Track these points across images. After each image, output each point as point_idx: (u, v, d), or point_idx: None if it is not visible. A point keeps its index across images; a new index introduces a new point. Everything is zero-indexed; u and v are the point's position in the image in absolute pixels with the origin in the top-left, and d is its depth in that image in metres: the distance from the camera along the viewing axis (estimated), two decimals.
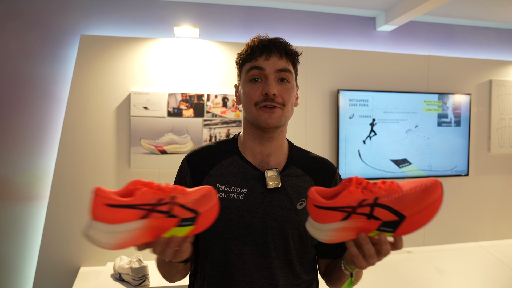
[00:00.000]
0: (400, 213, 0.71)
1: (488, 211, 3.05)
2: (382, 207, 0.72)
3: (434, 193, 0.71)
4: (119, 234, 0.68)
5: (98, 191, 0.68)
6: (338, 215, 0.75)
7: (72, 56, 2.40)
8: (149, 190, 0.73)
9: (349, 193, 0.75)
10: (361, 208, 0.73)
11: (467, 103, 2.91)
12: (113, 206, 0.68)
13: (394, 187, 0.74)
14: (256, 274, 0.95)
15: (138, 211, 0.70)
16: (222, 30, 2.64)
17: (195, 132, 2.47)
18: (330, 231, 0.76)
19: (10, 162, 2.35)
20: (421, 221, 0.71)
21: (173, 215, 0.73)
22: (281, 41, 0.99)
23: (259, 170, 1.00)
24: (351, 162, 2.70)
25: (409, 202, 0.71)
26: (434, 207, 0.71)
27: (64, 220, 2.31)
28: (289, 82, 0.98)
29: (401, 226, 0.72)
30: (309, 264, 1.02)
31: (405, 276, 2.41)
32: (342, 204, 0.75)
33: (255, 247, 0.95)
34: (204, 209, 0.77)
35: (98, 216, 0.67)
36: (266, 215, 0.96)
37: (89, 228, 0.67)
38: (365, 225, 0.74)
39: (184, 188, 0.79)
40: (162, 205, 0.73)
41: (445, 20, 3.03)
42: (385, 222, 0.73)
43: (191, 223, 0.75)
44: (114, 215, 0.67)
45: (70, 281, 2.28)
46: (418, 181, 0.74)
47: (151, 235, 0.73)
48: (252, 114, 0.97)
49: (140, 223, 0.70)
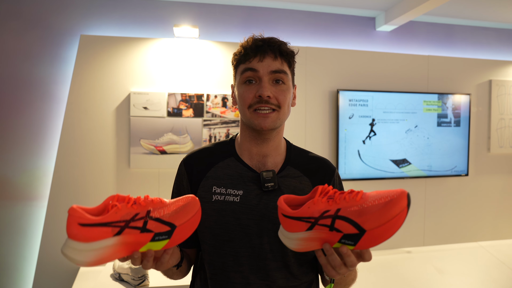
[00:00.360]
0: (360, 226, 0.70)
1: (488, 211, 3.04)
2: (343, 219, 0.71)
3: (397, 206, 0.69)
4: (93, 252, 0.69)
5: (71, 211, 0.69)
6: (303, 225, 0.75)
7: (72, 56, 2.41)
8: (125, 205, 0.74)
9: (313, 204, 0.75)
10: (323, 219, 0.73)
11: (467, 103, 2.91)
12: (86, 225, 0.69)
13: (358, 198, 0.73)
14: (253, 276, 0.94)
15: (111, 228, 0.71)
16: (221, 30, 2.64)
17: (195, 132, 2.47)
18: (297, 240, 0.77)
19: (10, 162, 2.35)
20: (382, 235, 0.69)
21: (147, 229, 0.74)
22: (276, 41, 0.97)
23: (255, 172, 0.99)
24: (351, 162, 2.70)
25: (370, 215, 0.69)
26: (395, 221, 0.68)
27: (64, 220, 2.30)
28: (284, 84, 0.97)
29: (361, 240, 0.70)
30: (308, 265, 1.02)
31: (405, 276, 2.41)
32: (305, 214, 0.75)
33: (251, 249, 0.95)
34: (181, 221, 0.77)
35: (73, 235, 0.68)
36: (262, 217, 0.95)
37: (65, 246, 0.68)
38: (328, 236, 0.74)
39: (162, 200, 0.79)
40: (137, 220, 0.73)
41: (444, 20, 3.03)
42: (345, 235, 0.72)
43: (166, 237, 0.76)
44: (87, 233, 0.68)
45: (70, 281, 2.28)
46: (385, 192, 0.72)
47: (127, 250, 0.74)
48: (247, 117, 0.97)
49: (114, 240, 0.71)
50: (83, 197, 2.33)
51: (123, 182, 2.40)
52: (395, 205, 0.69)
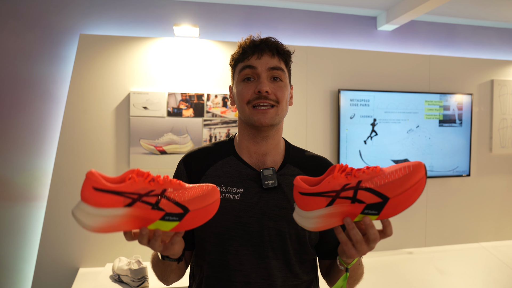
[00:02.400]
0: (383, 194, 0.71)
1: (490, 211, 3.03)
2: (365, 190, 0.72)
3: (417, 174, 0.71)
4: (101, 218, 0.69)
5: (89, 174, 0.69)
6: (323, 200, 0.75)
7: (71, 56, 2.39)
8: (142, 180, 0.74)
9: (333, 178, 0.75)
10: (344, 192, 0.74)
11: (468, 103, 2.90)
12: (100, 190, 0.69)
13: (377, 170, 0.74)
14: (254, 274, 0.94)
15: (123, 198, 0.71)
16: (222, 30, 2.63)
17: (195, 132, 2.45)
18: (316, 218, 0.76)
19: (8, 162, 2.33)
20: (405, 202, 0.71)
21: (159, 207, 0.73)
22: (273, 40, 1.00)
23: (255, 170, 1.00)
24: (352, 162, 2.68)
25: (392, 184, 0.71)
26: (417, 187, 0.71)
27: (63, 221, 2.29)
28: (281, 81, 0.99)
29: (385, 208, 0.72)
30: (308, 264, 1.01)
31: (406, 277, 2.39)
32: (326, 189, 0.75)
33: (252, 247, 0.94)
34: (196, 207, 0.76)
35: (86, 198, 0.68)
36: (262, 215, 0.95)
37: (76, 207, 0.69)
38: (350, 209, 0.74)
39: (181, 183, 0.78)
40: (150, 196, 0.73)
41: (446, 19, 3.01)
42: (368, 205, 0.72)
43: (176, 218, 0.74)
44: (99, 198, 0.69)
45: (69, 282, 2.26)
46: (402, 164, 0.74)
47: (135, 224, 0.73)
48: (246, 113, 0.98)
49: (124, 210, 0.71)
50: None
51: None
52: (415, 174, 0.72)
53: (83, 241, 2.32)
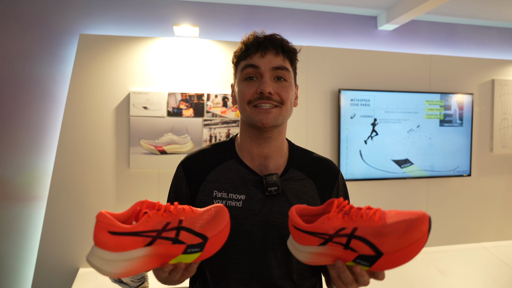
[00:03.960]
0: (377, 248, 0.67)
1: (491, 211, 3.02)
2: (360, 240, 0.68)
3: (418, 231, 0.65)
4: (123, 263, 0.64)
5: (101, 217, 0.64)
6: (316, 240, 0.72)
7: (71, 56, 2.39)
8: (156, 213, 0.69)
9: (328, 219, 0.71)
10: (338, 237, 0.70)
11: (469, 102, 2.89)
12: (116, 234, 0.64)
13: (376, 218, 0.69)
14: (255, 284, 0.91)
15: (143, 238, 0.66)
16: (222, 29, 2.62)
17: (195, 132, 2.45)
18: (308, 253, 0.74)
19: (8, 163, 2.33)
20: (400, 260, 0.66)
21: (179, 241, 0.69)
22: (277, 37, 0.95)
23: (257, 175, 0.95)
24: (353, 162, 2.68)
25: (389, 238, 0.66)
26: (415, 246, 0.65)
27: (63, 221, 2.29)
28: (286, 81, 0.94)
29: (377, 262, 0.67)
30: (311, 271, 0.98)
31: (407, 277, 2.39)
32: (319, 230, 0.72)
33: (254, 256, 0.91)
34: (213, 233, 0.73)
35: (102, 244, 0.63)
36: (265, 223, 0.91)
37: (92, 255, 0.64)
38: (342, 254, 0.71)
39: (193, 209, 0.75)
40: (168, 230, 0.69)
41: (447, 19, 3.01)
42: (361, 255, 0.69)
43: (198, 249, 0.71)
44: (118, 243, 0.64)
45: (69, 282, 2.26)
46: (405, 214, 0.68)
47: (157, 262, 0.70)
48: (247, 113, 0.93)
49: (145, 250, 0.67)
50: (82, 197, 2.32)
51: (123, 182, 2.38)
52: (416, 230, 0.65)
53: (83, 241, 2.32)
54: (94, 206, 2.34)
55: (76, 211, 2.31)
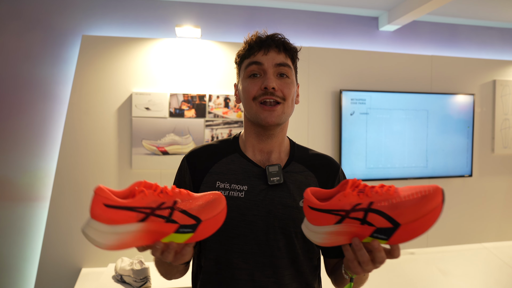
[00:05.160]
0: (394, 220, 0.67)
1: (492, 212, 3.02)
2: (376, 213, 0.69)
3: (433, 201, 0.66)
4: (115, 235, 0.67)
5: (99, 191, 0.67)
6: (332, 218, 0.73)
7: (73, 57, 2.40)
8: (152, 192, 0.72)
9: (344, 196, 0.72)
10: (354, 212, 0.70)
11: (470, 103, 2.89)
12: (111, 206, 0.67)
13: (391, 192, 0.70)
14: (259, 273, 0.93)
15: (137, 213, 0.69)
16: (224, 30, 2.63)
17: (197, 132, 2.46)
18: (324, 234, 0.74)
19: (11, 163, 2.34)
20: (417, 230, 0.67)
21: (172, 220, 0.71)
22: (279, 36, 0.99)
23: (260, 167, 0.99)
24: (354, 162, 2.68)
25: (405, 209, 0.67)
26: (431, 216, 0.66)
27: (65, 221, 2.30)
28: (288, 77, 0.97)
29: (395, 234, 0.68)
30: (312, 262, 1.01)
31: (408, 278, 2.39)
32: (336, 207, 0.72)
33: (257, 246, 0.93)
34: (207, 216, 0.75)
35: (97, 216, 0.67)
36: (268, 213, 0.94)
37: (87, 226, 0.67)
38: (359, 230, 0.71)
39: (190, 193, 0.77)
40: (163, 209, 0.71)
41: (448, 20, 3.01)
42: (378, 229, 0.69)
43: (190, 230, 0.73)
44: (112, 215, 0.67)
45: (72, 282, 2.27)
46: (418, 187, 0.69)
47: (149, 238, 0.72)
48: (252, 111, 0.96)
49: (138, 226, 0.69)
50: (85, 198, 2.33)
51: (125, 183, 2.39)
52: (431, 200, 0.66)
53: (85, 242, 2.33)
54: None
55: (78, 211, 2.32)
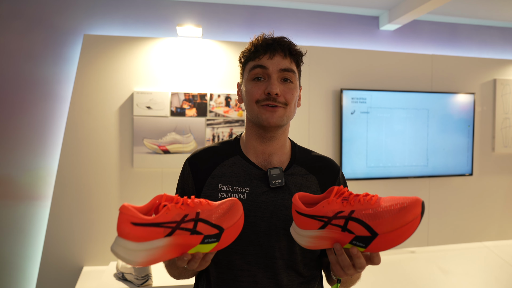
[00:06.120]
0: (372, 229, 0.71)
1: (493, 211, 3.03)
2: (356, 221, 0.73)
3: (411, 213, 0.70)
4: (145, 252, 0.69)
5: (124, 209, 0.69)
6: (316, 223, 0.77)
7: (75, 56, 2.41)
8: (175, 206, 0.74)
9: (327, 203, 0.77)
10: (336, 219, 0.75)
11: (471, 102, 2.90)
12: (138, 224, 0.69)
13: (373, 201, 0.74)
14: (260, 274, 0.94)
15: (163, 229, 0.71)
16: (225, 30, 2.64)
17: (198, 131, 2.47)
18: (309, 237, 0.78)
19: (13, 162, 2.35)
20: (394, 240, 0.71)
21: (197, 231, 0.74)
22: (286, 40, 0.98)
23: (261, 169, 0.99)
24: (355, 162, 2.69)
25: (384, 219, 0.71)
26: (409, 227, 0.70)
27: (67, 220, 2.31)
28: (292, 82, 0.98)
29: (372, 242, 0.72)
30: (313, 263, 1.02)
31: (409, 276, 2.40)
32: (319, 213, 0.77)
33: (258, 247, 0.94)
34: (228, 224, 0.78)
35: (125, 234, 0.68)
36: (270, 215, 0.95)
37: (116, 245, 0.68)
38: (340, 236, 0.75)
39: (209, 202, 0.79)
40: (187, 222, 0.73)
41: (448, 19, 3.01)
42: (357, 237, 0.73)
43: (215, 240, 0.76)
44: (140, 233, 0.69)
45: (73, 281, 2.28)
46: (400, 198, 0.73)
47: (177, 251, 0.74)
48: (254, 112, 0.97)
49: (165, 240, 0.71)
50: (86, 196, 2.34)
51: (127, 181, 2.40)
52: (409, 212, 0.70)
53: (87, 240, 2.34)
54: (98, 205, 2.36)
55: (80, 210, 2.33)
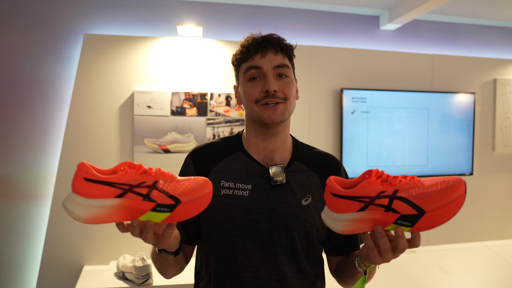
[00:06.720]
0: (420, 207, 0.70)
1: (493, 210, 3.03)
2: (402, 200, 0.71)
3: (457, 191, 0.70)
4: (92, 209, 0.69)
5: (81, 165, 0.70)
6: (355, 205, 0.73)
7: (75, 55, 2.41)
8: (134, 172, 0.74)
9: (368, 184, 0.73)
10: (379, 199, 0.72)
11: (471, 102, 2.90)
12: (90, 180, 0.70)
13: (415, 181, 0.72)
14: (262, 270, 0.95)
15: (114, 189, 0.71)
16: (225, 29, 2.64)
17: (199, 131, 2.47)
18: (346, 221, 0.74)
19: (13, 161, 2.35)
20: (441, 217, 0.70)
21: (150, 198, 0.73)
22: (275, 36, 0.99)
23: (263, 166, 1.00)
24: (355, 161, 2.69)
25: (430, 198, 0.70)
26: (455, 204, 0.69)
27: (67, 219, 2.30)
28: (287, 77, 0.99)
29: (420, 221, 0.70)
30: (315, 260, 1.02)
31: (409, 276, 2.40)
32: (360, 194, 0.73)
33: (260, 243, 0.95)
34: (187, 198, 0.75)
35: (76, 189, 0.69)
36: (271, 212, 0.95)
37: (67, 199, 0.70)
38: (382, 217, 0.72)
39: (173, 176, 0.78)
40: (142, 187, 0.73)
41: (449, 18, 3.02)
42: (403, 216, 0.71)
43: (168, 209, 0.74)
44: (90, 189, 0.69)
45: (74, 280, 2.28)
46: (441, 178, 0.72)
47: (126, 215, 0.73)
48: (255, 112, 0.97)
49: (114, 201, 0.71)
50: None
51: None
52: (455, 190, 0.70)
53: (87, 239, 2.34)
54: None
55: None
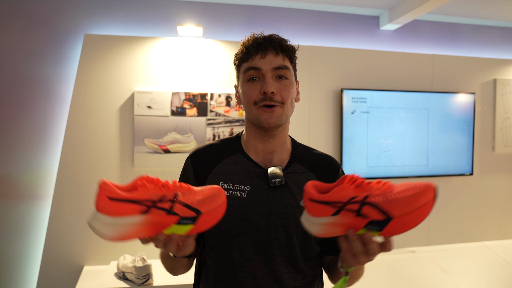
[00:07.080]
0: (387, 212, 0.72)
1: (493, 210, 3.03)
2: (371, 206, 0.73)
3: (425, 197, 0.71)
4: (119, 227, 0.71)
5: (103, 185, 0.71)
6: (329, 209, 0.77)
7: (75, 55, 2.41)
8: (154, 186, 0.75)
9: (341, 189, 0.77)
10: (350, 204, 0.75)
11: (471, 102, 2.90)
12: (115, 199, 0.71)
13: (386, 187, 0.74)
14: (260, 271, 0.95)
15: (139, 206, 0.72)
16: (225, 29, 2.64)
17: (199, 131, 2.47)
18: (321, 225, 0.78)
19: (14, 161, 2.35)
20: (409, 223, 0.71)
21: (173, 212, 0.75)
22: (276, 37, 0.98)
23: (262, 168, 1.00)
24: (355, 161, 2.69)
25: (398, 203, 0.71)
26: (423, 210, 0.71)
27: (68, 219, 2.31)
28: (287, 79, 0.98)
29: (388, 226, 0.72)
30: (313, 260, 1.02)
31: (409, 276, 2.40)
32: (333, 199, 0.77)
33: (258, 244, 0.95)
34: (207, 209, 0.78)
35: (101, 208, 0.70)
36: (269, 212, 0.96)
37: (92, 218, 0.71)
38: (353, 222, 0.75)
39: (190, 187, 0.80)
40: (164, 202, 0.74)
41: (449, 19, 3.02)
42: (372, 221, 0.73)
43: (191, 222, 0.77)
44: (115, 208, 0.71)
45: (74, 280, 2.28)
46: (412, 184, 0.74)
47: (151, 230, 0.75)
48: (253, 114, 0.98)
49: (140, 218, 0.72)
50: (87, 196, 2.34)
51: (127, 181, 2.39)
52: (423, 196, 0.71)
53: (87, 239, 2.34)
54: None
55: (80, 209, 2.33)
